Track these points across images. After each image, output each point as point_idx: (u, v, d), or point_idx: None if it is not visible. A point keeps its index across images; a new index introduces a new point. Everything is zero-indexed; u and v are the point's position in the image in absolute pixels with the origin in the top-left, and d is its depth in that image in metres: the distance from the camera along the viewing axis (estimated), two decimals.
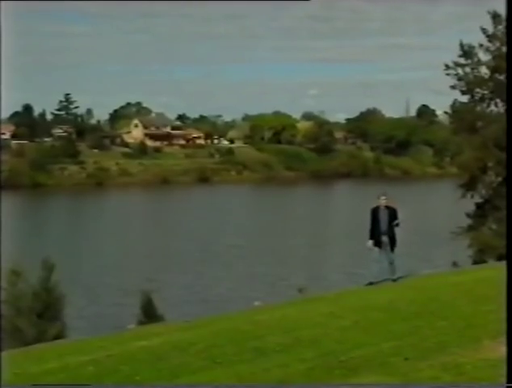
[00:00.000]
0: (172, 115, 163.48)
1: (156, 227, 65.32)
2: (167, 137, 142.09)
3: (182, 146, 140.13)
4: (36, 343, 13.62)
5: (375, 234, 15.45)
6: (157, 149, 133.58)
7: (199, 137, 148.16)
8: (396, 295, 14.04)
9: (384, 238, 15.37)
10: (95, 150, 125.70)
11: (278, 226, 64.39)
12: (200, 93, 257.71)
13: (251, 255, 47.31)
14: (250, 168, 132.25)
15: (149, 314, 18.00)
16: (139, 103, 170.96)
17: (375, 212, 15.46)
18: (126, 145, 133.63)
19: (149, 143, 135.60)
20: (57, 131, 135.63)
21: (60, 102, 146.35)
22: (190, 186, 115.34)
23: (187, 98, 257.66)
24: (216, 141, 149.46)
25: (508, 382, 7.50)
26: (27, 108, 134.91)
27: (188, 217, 73.47)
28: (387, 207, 15.39)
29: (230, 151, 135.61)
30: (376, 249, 15.50)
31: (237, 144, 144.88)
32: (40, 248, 41.06)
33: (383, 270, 15.58)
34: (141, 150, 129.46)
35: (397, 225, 15.44)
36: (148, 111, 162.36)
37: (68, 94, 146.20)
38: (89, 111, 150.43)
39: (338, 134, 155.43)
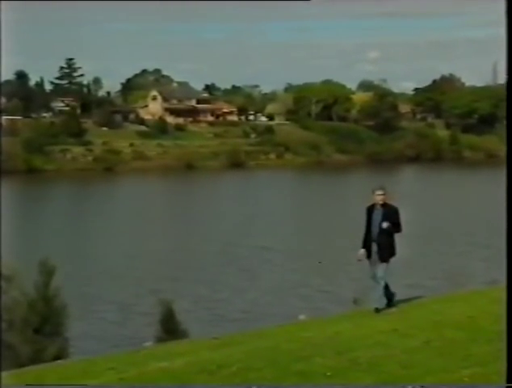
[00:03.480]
0: (198, 86, 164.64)
1: (173, 223, 65.67)
2: (192, 113, 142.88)
3: (211, 123, 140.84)
4: (32, 364, 13.78)
5: (367, 241, 14.21)
6: (180, 127, 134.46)
7: (230, 113, 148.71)
8: (478, 310, 13.97)
9: (374, 247, 14.13)
10: (104, 128, 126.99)
11: (324, 223, 64.16)
12: (232, 58, 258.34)
13: (284, 260, 47.05)
14: (294, 150, 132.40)
15: (170, 328, 18.07)
16: (158, 71, 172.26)
17: (369, 212, 14.23)
18: (142, 121, 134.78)
19: (170, 120, 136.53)
20: (58, 104, 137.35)
21: (62, 68, 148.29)
22: (219, 172, 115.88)
23: (216, 64, 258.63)
24: (251, 118, 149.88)
25: (508, 382, 8.21)
26: (21, 76, 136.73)
27: (214, 210, 73.73)
28: (383, 205, 14.13)
29: (269, 129, 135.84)
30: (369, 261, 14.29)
31: (278, 120, 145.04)
32: (34, 248, 41.45)
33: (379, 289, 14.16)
34: (160, 128, 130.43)
35: (392, 228, 14.00)
36: (168, 80, 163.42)
37: (71, 59, 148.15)
38: (96, 81, 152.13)
39: (404, 108, 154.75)
